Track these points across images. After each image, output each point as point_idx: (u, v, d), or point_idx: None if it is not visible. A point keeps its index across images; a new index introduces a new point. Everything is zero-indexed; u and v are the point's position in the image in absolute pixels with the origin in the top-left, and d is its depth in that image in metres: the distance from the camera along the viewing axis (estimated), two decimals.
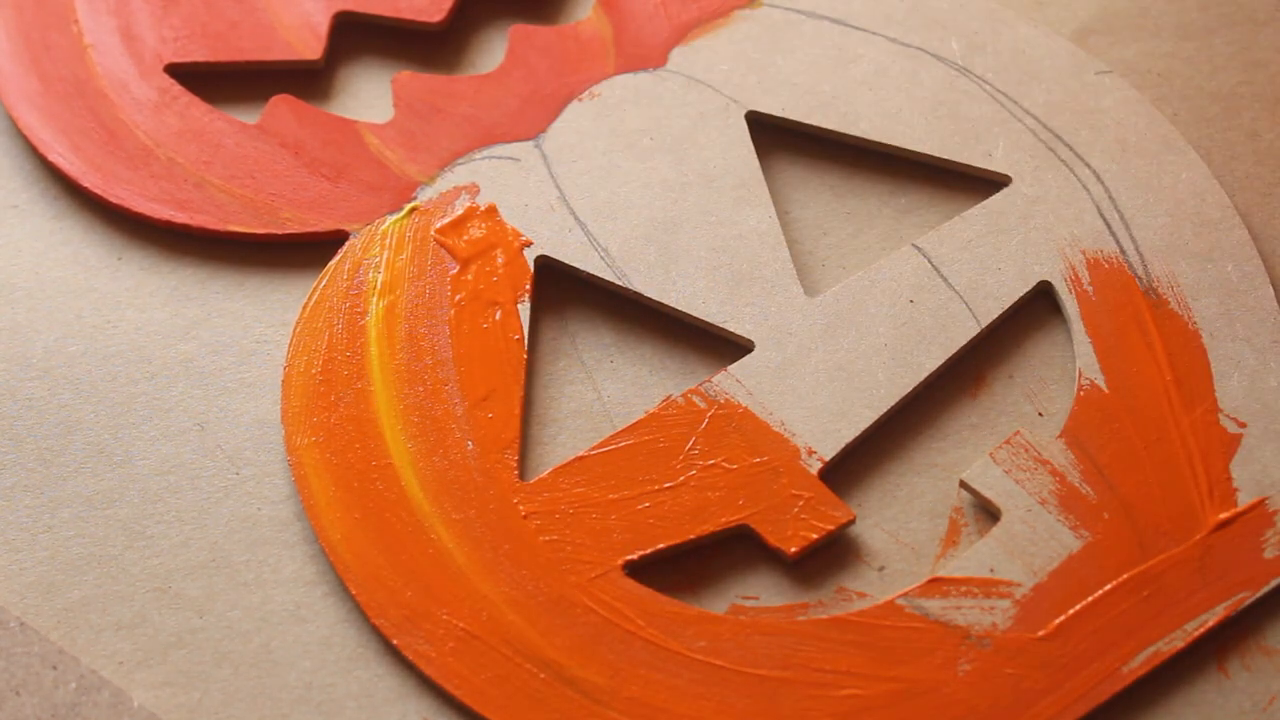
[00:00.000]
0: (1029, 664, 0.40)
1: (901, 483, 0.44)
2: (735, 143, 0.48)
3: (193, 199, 0.47)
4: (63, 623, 0.41)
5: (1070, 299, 0.45)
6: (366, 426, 0.43)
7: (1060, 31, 0.51)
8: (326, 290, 0.46)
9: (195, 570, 0.42)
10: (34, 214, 0.48)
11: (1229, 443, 0.43)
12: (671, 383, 0.45)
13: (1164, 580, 0.41)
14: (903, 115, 0.48)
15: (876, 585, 0.42)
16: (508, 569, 0.41)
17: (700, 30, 0.51)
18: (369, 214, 0.47)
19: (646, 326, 0.46)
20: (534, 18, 0.52)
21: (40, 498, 0.43)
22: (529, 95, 0.49)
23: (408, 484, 0.42)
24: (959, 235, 0.46)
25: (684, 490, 0.42)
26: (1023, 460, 0.43)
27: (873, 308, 0.45)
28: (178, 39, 0.50)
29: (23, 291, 0.46)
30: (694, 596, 0.42)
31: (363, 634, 0.41)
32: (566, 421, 0.45)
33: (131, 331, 0.46)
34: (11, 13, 0.50)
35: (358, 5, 0.51)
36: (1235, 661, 0.41)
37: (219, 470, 0.43)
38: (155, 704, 0.40)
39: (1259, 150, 0.48)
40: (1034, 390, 0.45)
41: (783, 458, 0.43)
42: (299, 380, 0.44)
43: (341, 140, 0.48)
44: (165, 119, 0.49)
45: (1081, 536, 0.42)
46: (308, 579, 0.42)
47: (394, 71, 0.51)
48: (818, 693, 0.40)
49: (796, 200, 0.48)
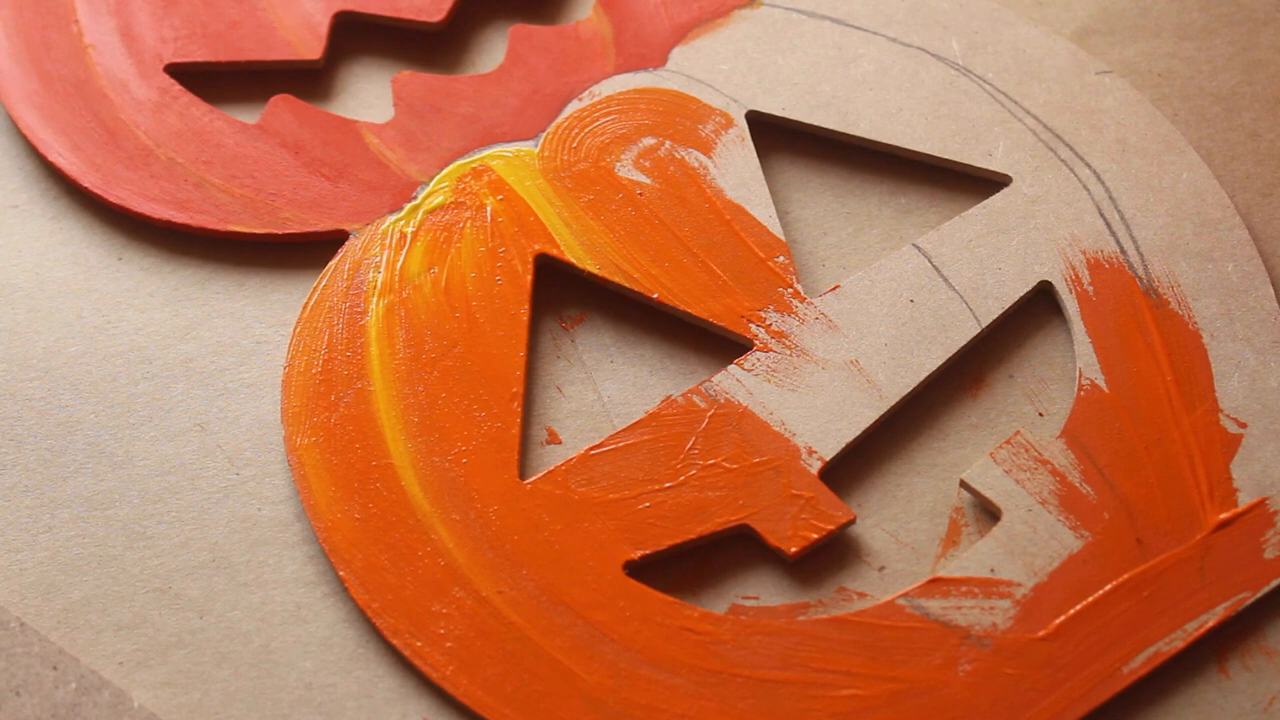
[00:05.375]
0: (1029, 664, 0.40)
1: (901, 483, 0.44)
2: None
3: (193, 199, 0.47)
4: (63, 623, 0.41)
5: (1070, 299, 0.45)
6: (366, 426, 0.43)
7: (1060, 31, 0.51)
8: (326, 290, 0.46)
9: (195, 570, 0.42)
10: (34, 214, 0.48)
11: (1229, 443, 0.43)
12: (671, 383, 0.45)
13: (1164, 580, 0.41)
14: (903, 115, 0.48)
15: (877, 585, 0.42)
16: (508, 569, 0.41)
17: (700, 30, 0.50)
18: (369, 214, 0.47)
19: (646, 326, 0.46)
20: (534, 18, 0.52)
21: (40, 498, 0.43)
22: (529, 95, 0.49)
23: (408, 484, 0.42)
24: (959, 235, 0.46)
25: (684, 490, 0.42)
26: (1023, 460, 0.43)
27: (873, 308, 0.45)
28: (178, 39, 0.50)
29: (23, 291, 0.46)
30: (694, 596, 0.42)
31: (363, 634, 0.41)
32: (566, 421, 0.45)
33: (131, 331, 0.46)
34: (11, 13, 0.50)
35: (358, 5, 0.51)
36: (1235, 661, 0.41)
37: (219, 470, 0.43)
38: (155, 704, 0.40)
39: (1259, 150, 0.48)
40: (1034, 390, 0.45)
41: (783, 457, 0.43)
42: (299, 380, 0.44)
43: (341, 140, 0.48)
44: (165, 119, 0.49)
45: (1081, 536, 0.42)
46: (308, 579, 0.42)
47: (394, 71, 0.51)
48: (818, 693, 0.40)
49: (796, 200, 0.48)
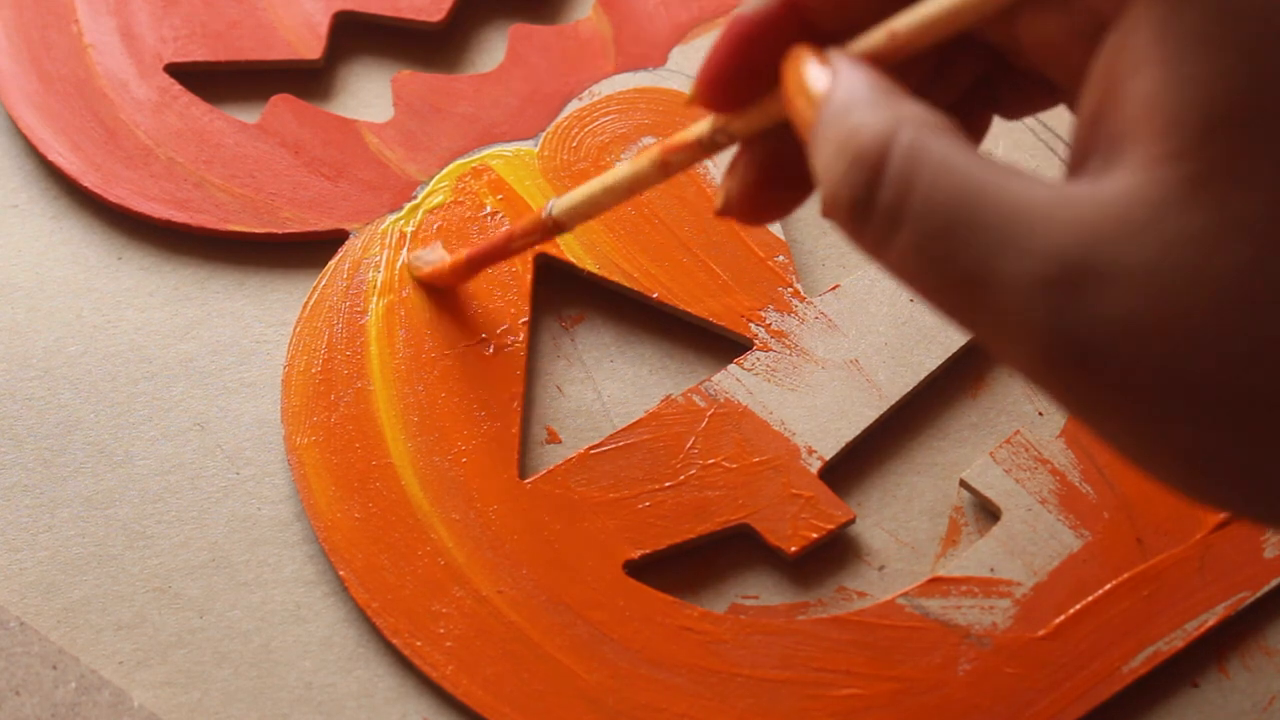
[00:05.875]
0: (1029, 663, 0.40)
1: (901, 482, 0.44)
2: None
3: (193, 199, 0.47)
4: (63, 623, 0.41)
5: None
6: (366, 426, 0.43)
7: None
8: (326, 290, 0.46)
9: (195, 570, 0.42)
10: (34, 214, 0.48)
11: None
12: (671, 383, 0.45)
13: (1164, 580, 0.41)
14: None
15: (877, 585, 0.42)
16: (508, 569, 0.41)
17: (700, 29, 0.51)
18: (369, 213, 0.47)
19: (646, 326, 0.46)
20: (534, 18, 0.52)
21: (40, 498, 0.43)
22: (529, 95, 0.49)
23: (408, 484, 0.42)
24: None
25: (684, 490, 0.42)
26: (1023, 459, 0.43)
27: (873, 307, 0.45)
28: (178, 39, 0.50)
29: (23, 291, 0.46)
30: (694, 596, 0.42)
31: (363, 634, 0.41)
32: (566, 421, 0.45)
33: (131, 331, 0.46)
34: (11, 12, 0.50)
35: (358, 5, 0.51)
36: (1235, 661, 0.41)
37: (219, 470, 0.43)
38: (155, 704, 0.40)
39: None
40: (1034, 390, 0.45)
41: (783, 457, 0.43)
42: (299, 380, 0.44)
43: (341, 140, 0.48)
44: (165, 119, 0.49)
45: (1081, 536, 0.42)
46: (308, 579, 0.42)
47: (394, 71, 0.51)
48: (818, 692, 0.40)
49: None
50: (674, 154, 0.35)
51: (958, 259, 0.27)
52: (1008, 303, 0.27)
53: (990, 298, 0.27)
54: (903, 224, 0.28)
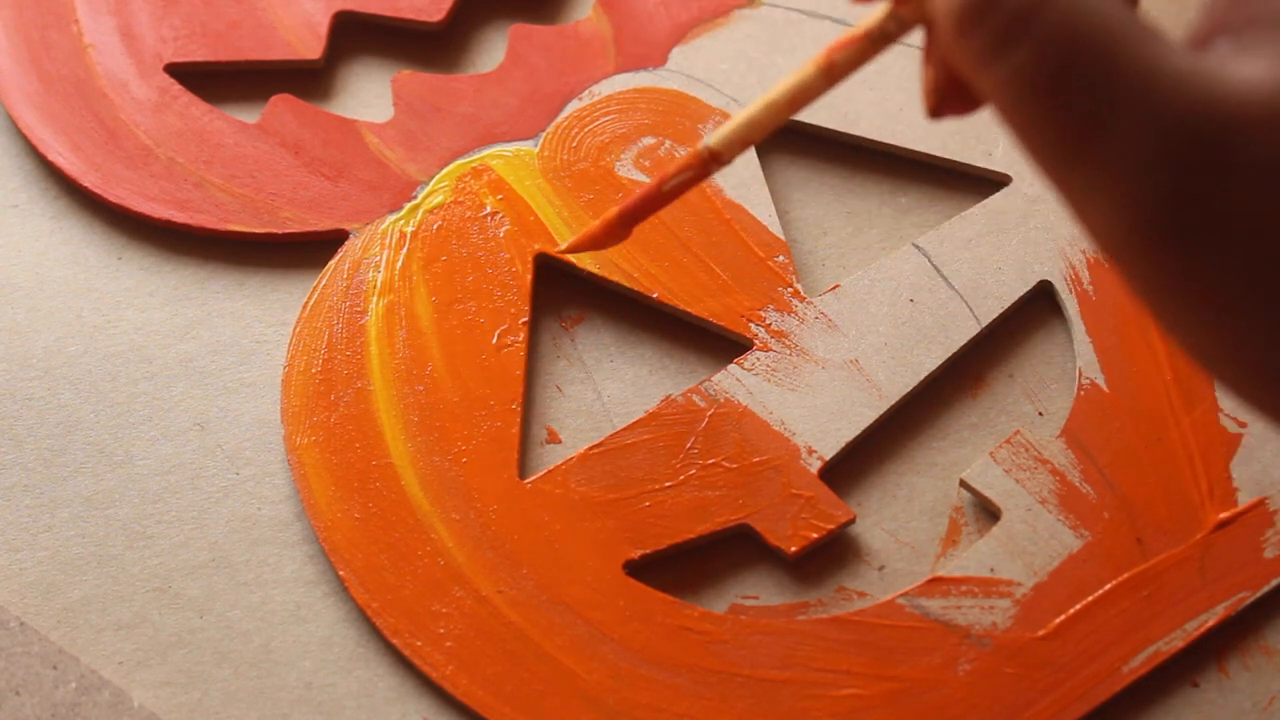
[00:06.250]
0: (1029, 664, 0.40)
1: (901, 482, 0.44)
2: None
3: (193, 199, 0.47)
4: (63, 623, 0.41)
5: (1070, 298, 0.45)
6: (366, 426, 0.43)
7: None
8: (326, 290, 0.46)
9: (195, 570, 0.42)
10: (34, 214, 0.48)
11: (1229, 442, 0.43)
12: (671, 383, 0.45)
13: (1164, 580, 0.41)
14: (903, 115, 0.48)
15: (876, 585, 0.42)
16: (507, 569, 0.41)
17: (700, 29, 0.50)
18: (369, 213, 0.47)
19: (646, 326, 0.46)
20: (534, 18, 0.52)
21: (40, 498, 0.43)
22: (529, 95, 0.49)
23: (408, 484, 0.42)
24: (959, 235, 0.46)
25: (684, 490, 0.42)
26: (1023, 460, 0.43)
27: (873, 307, 0.45)
28: (178, 39, 0.50)
29: (23, 291, 0.46)
30: (694, 596, 0.42)
31: (363, 634, 0.41)
32: (566, 421, 0.45)
33: (131, 331, 0.46)
34: (11, 12, 0.50)
35: (358, 5, 0.51)
36: (1235, 661, 0.41)
37: (219, 470, 0.43)
38: (155, 704, 0.40)
39: None
40: (1034, 390, 0.45)
41: (783, 457, 0.43)
42: (299, 380, 0.44)
43: (341, 140, 0.48)
44: (165, 119, 0.49)
45: (1081, 536, 0.42)
46: (308, 579, 0.42)
47: (394, 71, 0.51)
48: (817, 692, 0.40)
49: (796, 200, 0.48)
50: (840, 52, 0.33)
51: (1075, 98, 0.25)
52: (1120, 163, 0.24)
53: (1099, 151, 0.25)
54: (1024, 38, 0.25)
